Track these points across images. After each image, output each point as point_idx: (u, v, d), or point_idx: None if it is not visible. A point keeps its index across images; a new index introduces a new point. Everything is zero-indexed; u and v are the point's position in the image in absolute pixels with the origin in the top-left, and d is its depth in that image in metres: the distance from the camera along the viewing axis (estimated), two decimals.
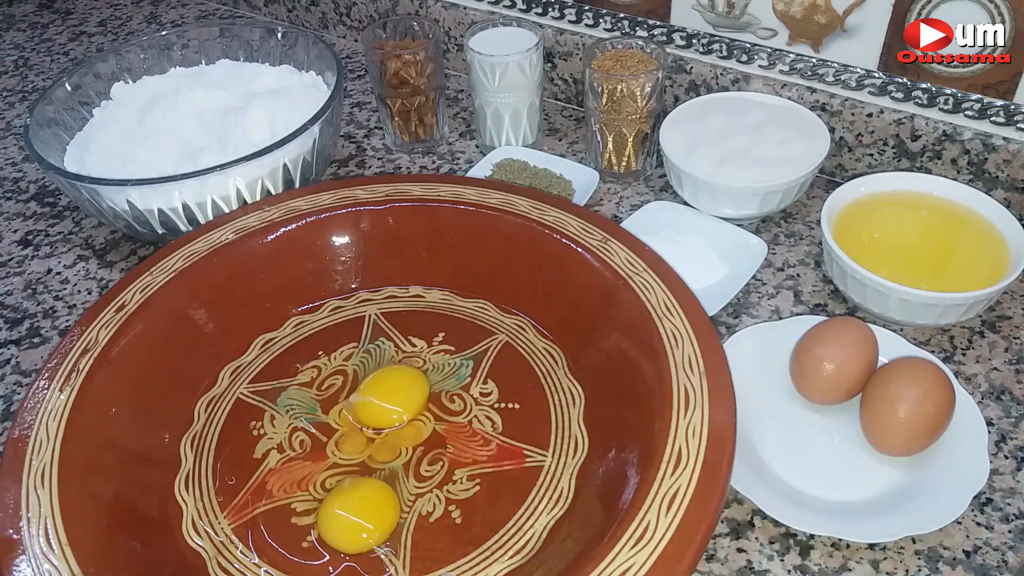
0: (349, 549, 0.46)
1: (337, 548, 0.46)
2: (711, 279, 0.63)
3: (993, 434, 0.53)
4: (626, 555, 0.39)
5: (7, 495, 0.44)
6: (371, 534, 0.46)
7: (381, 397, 0.54)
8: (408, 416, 0.53)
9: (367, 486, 0.49)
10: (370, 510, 0.47)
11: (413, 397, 0.54)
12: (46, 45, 1.03)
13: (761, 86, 0.73)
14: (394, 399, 0.54)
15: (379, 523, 0.47)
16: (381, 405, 0.53)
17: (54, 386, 0.50)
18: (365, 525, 0.46)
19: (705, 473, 0.42)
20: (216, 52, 0.82)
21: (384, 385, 0.55)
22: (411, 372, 0.56)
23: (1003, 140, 0.65)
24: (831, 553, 0.48)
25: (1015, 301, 0.62)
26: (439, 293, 0.62)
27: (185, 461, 0.52)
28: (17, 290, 0.69)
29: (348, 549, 0.46)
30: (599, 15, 0.78)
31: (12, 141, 0.86)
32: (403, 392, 0.54)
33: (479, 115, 0.78)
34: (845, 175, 0.73)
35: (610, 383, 0.52)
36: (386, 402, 0.53)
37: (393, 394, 0.54)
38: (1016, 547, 0.47)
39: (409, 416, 0.53)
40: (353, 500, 0.48)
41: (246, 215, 0.61)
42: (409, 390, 0.54)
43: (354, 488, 0.49)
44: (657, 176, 0.75)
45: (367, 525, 0.46)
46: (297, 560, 0.46)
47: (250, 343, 0.59)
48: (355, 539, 0.46)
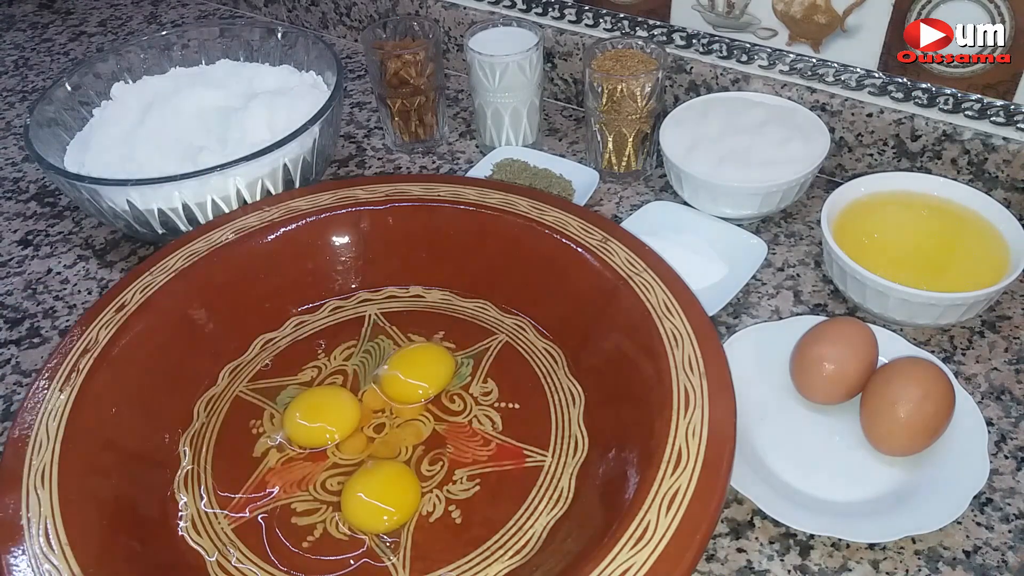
0: (372, 531, 0.47)
1: (360, 530, 0.48)
2: (711, 279, 0.63)
3: (993, 434, 0.53)
4: (626, 555, 0.39)
5: (7, 495, 0.44)
6: (391, 516, 0.48)
7: (407, 372, 0.55)
8: (433, 392, 0.54)
9: (390, 468, 0.50)
10: (392, 493, 0.48)
11: (438, 373, 0.55)
12: (46, 45, 1.03)
13: (761, 86, 0.73)
14: (419, 374, 0.55)
15: (400, 506, 0.48)
16: (406, 380, 0.55)
17: (54, 386, 0.50)
18: (387, 508, 0.48)
19: (705, 473, 0.42)
20: (216, 52, 0.82)
21: (410, 360, 0.56)
22: (437, 350, 0.57)
23: (1003, 140, 0.65)
24: (831, 553, 0.48)
25: (1015, 301, 0.62)
26: (439, 293, 0.62)
27: (184, 460, 0.52)
28: (17, 290, 0.69)
29: (371, 531, 0.47)
30: (599, 15, 0.78)
31: (12, 141, 0.86)
32: (428, 368, 0.55)
33: (479, 115, 0.78)
34: (845, 175, 0.73)
35: (610, 383, 0.52)
36: (411, 377, 0.55)
37: (419, 369, 0.55)
38: (1016, 547, 0.47)
39: (434, 392, 0.54)
40: (375, 483, 0.49)
41: (246, 215, 0.61)
42: (434, 366, 0.55)
43: (376, 471, 0.50)
44: (657, 176, 0.75)
45: (389, 508, 0.48)
46: (297, 560, 0.46)
47: (250, 343, 0.59)
48: (377, 522, 0.48)
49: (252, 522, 0.48)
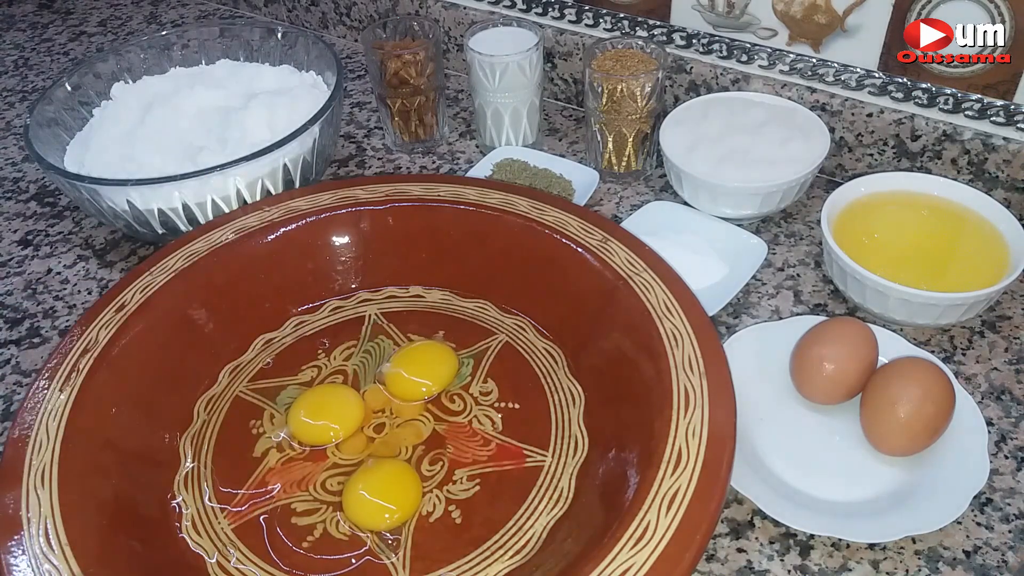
0: (374, 528, 0.48)
1: (362, 528, 0.48)
2: (711, 279, 0.63)
3: (993, 434, 0.53)
4: (626, 555, 0.39)
5: (7, 495, 0.44)
6: (393, 514, 0.48)
7: (410, 370, 0.55)
8: (436, 389, 0.55)
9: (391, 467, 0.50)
10: (394, 491, 0.49)
11: (442, 371, 0.55)
12: (46, 45, 1.03)
13: (761, 86, 0.73)
14: (423, 372, 0.55)
15: (401, 504, 0.48)
16: (410, 378, 0.55)
17: (54, 386, 0.50)
18: (388, 506, 0.48)
19: (705, 473, 0.42)
20: (216, 52, 0.82)
21: (414, 358, 0.56)
22: (440, 347, 0.57)
23: (1003, 140, 0.65)
24: (831, 553, 0.48)
25: (1015, 301, 0.62)
26: (439, 293, 0.62)
27: (185, 461, 0.52)
28: (17, 290, 0.69)
29: (373, 529, 0.48)
30: (599, 15, 0.78)
31: (12, 141, 0.86)
32: (432, 366, 0.56)
33: (479, 115, 0.78)
34: (845, 175, 0.73)
35: (610, 383, 0.52)
36: (415, 375, 0.55)
37: (422, 367, 0.56)
38: (1016, 547, 0.47)
39: (437, 389, 0.55)
40: (377, 481, 0.49)
41: (246, 215, 0.61)
42: (438, 364, 0.56)
43: (378, 469, 0.50)
44: (657, 176, 0.75)
45: (390, 506, 0.48)
46: (297, 560, 0.46)
47: (250, 343, 0.59)
48: (379, 519, 0.48)
49: (252, 522, 0.48)
